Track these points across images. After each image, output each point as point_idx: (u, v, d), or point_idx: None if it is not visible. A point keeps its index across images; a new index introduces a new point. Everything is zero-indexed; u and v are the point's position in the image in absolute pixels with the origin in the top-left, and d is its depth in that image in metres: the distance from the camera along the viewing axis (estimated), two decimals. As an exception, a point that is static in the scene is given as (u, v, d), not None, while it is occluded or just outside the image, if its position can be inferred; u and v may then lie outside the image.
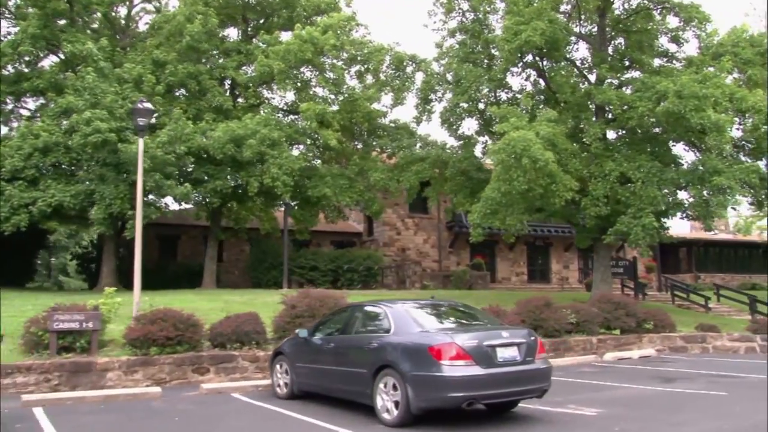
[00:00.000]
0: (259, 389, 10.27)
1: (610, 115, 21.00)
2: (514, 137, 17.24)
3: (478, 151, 23.59)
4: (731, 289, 26.65)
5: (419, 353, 7.01)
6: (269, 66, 22.01)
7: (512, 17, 19.36)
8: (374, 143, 24.30)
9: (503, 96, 23.22)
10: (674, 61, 22.57)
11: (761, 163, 20.66)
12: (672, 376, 11.54)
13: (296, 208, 24.05)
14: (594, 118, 20.95)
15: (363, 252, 27.12)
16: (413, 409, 6.93)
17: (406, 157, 23.42)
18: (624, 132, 22.11)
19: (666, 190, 19.27)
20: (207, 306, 15.89)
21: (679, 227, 58.24)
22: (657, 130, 20.56)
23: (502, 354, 7.10)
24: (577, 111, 20.78)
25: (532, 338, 7.56)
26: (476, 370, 6.82)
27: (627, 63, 23.13)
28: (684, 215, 20.60)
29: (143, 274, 28.97)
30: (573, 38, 23.40)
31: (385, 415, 7.26)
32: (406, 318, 7.61)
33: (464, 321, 8.06)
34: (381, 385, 7.36)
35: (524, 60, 21.81)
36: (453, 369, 6.77)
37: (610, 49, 23.30)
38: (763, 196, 20.95)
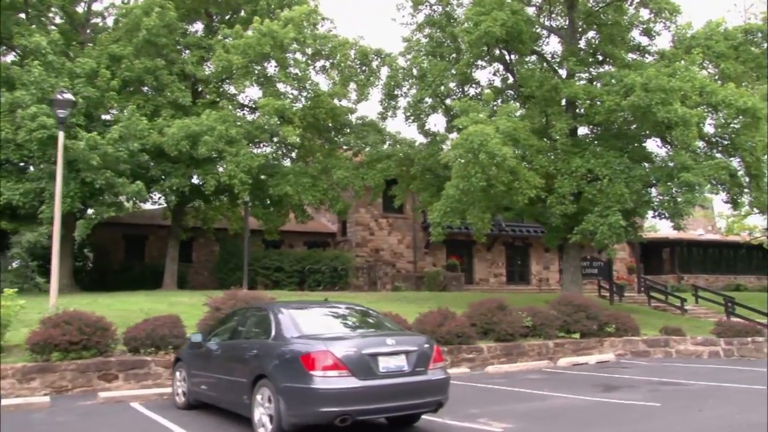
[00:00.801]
0: (164, 398, 9.53)
1: (582, 110, 20.28)
2: (471, 132, 16.55)
3: (446, 148, 22.88)
4: (709, 290, 25.91)
5: (292, 362, 6.26)
6: (228, 61, 21.29)
7: (473, 7, 18.65)
8: (340, 140, 23.53)
9: (472, 91, 22.54)
10: (647, 55, 21.86)
11: (735, 160, 19.98)
12: (617, 383, 10.79)
13: (258, 207, 23.27)
14: (566, 113, 20.23)
15: (330, 253, 26.37)
16: (284, 425, 6.17)
17: (371, 155, 22.71)
18: (595, 128, 21.42)
19: (636, 188, 18.52)
20: (148, 307, 15.15)
21: (666, 227, 57.64)
22: (627, 125, 19.83)
23: (386, 364, 6.32)
24: (545, 106, 20.05)
25: (427, 346, 6.77)
26: (351, 382, 6.06)
27: (600, 57, 22.45)
28: (655, 214, 19.84)
29: (108, 274, 28.28)
30: (544, 31, 22.76)
31: (261, 431, 6.52)
32: (288, 322, 6.85)
33: (354, 326, 7.29)
34: (258, 397, 6.62)
35: (491, 53, 21.10)
36: (325, 381, 6.02)
37: (582, 43, 22.63)
38: (738, 194, 20.26)
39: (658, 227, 60.82)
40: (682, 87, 17.72)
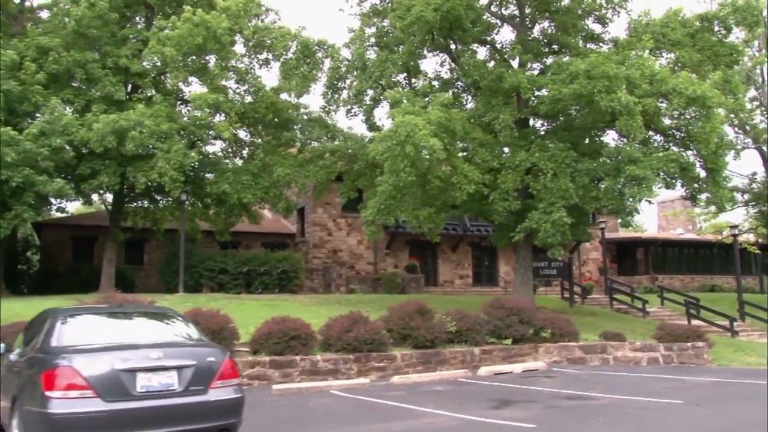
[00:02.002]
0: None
1: (528, 101, 19.17)
2: (398, 123, 15.46)
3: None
4: (675, 291, 24.73)
5: (35, 380, 5.17)
6: (161, 53, 20.22)
7: (406, -9, 17.56)
8: (283, 136, 22.41)
9: (420, 83, 21.43)
10: (601, 44, 20.75)
11: (692, 154, 18.87)
12: (518, 398, 9.66)
13: (198, 206, 22.21)
14: (510, 105, 19.12)
15: (279, 254, 25.23)
16: (21, 461, 5.09)
17: (314, 151, 21.60)
18: (547, 120, 20.33)
19: (583, 183, 17.38)
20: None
21: (653, 226, 56.67)
22: (575, 116, 18.73)
23: (147, 382, 5.21)
24: (489, 97, 18.94)
25: (212, 359, 5.63)
26: (95, 405, 4.96)
27: (556, 48, 21.35)
28: (602, 209, 18.69)
29: (54, 277, 27.12)
30: (496, 21, 21.65)
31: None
32: (56, 331, 5.74)
33: (129, 336, 6.10)
34: (14, 422, 5.52)
35: (435, 42, 20.00)
36: (63, 404, 4.92)
37: (537, 33, 21.54)
38: (698, 190, 19.14)
39: (645, 227, 59.72)
40: (631, 75, 16.62)
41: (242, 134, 24.56)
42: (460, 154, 19.19)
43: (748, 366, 13.23)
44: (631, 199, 15.98)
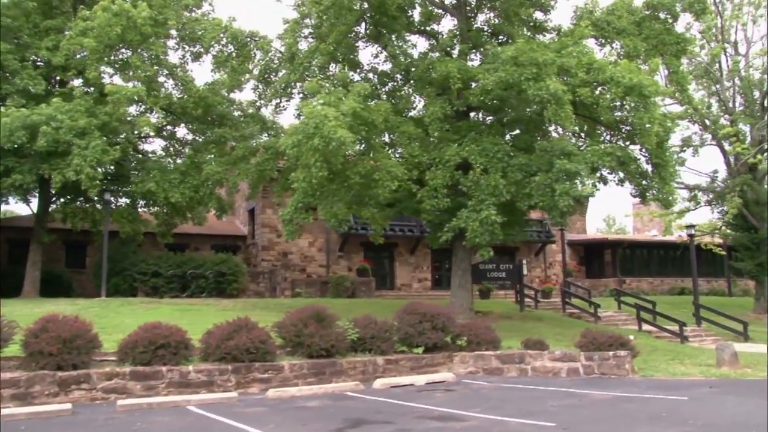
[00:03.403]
0: None
1: (466, 91, 18.04)
2: (308, 114, 14.36)
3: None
4: (632, 294, 23.59)
5: None
6: (80, 44, 19.16)
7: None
8: (213, 133, 21.28)
9: (357, 76, 20.32)
10: (545, 33, 19.67)
11: (636, 147, 17.77)
12: (378, 418, 8.47)
13: (124, 206, 21.11)
14: (457, 97, 18.03)
15: (217, 257, 24.09)
16: None
17: (246, 148, 20.46)
18: (491, 113, 19.23)
19: (515, 178, 16.26)
20: None
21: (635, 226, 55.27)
22: (509, 107, 17.62)
23: None
24: (420, 88, 17.85)
25: None
26: None
27: (503, 39, 20.26)
28: (533, 205, 17.42)
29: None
30: (439, 10, 20.57)
31: None
32: None
33: None
34: None
35: (368, 32, 18.94)
36: None
37: (481, 23, 20.49)
38: (647, 187, 18.01)
39: (627, 229, 58.54)
40: (566, 63, 15.54)
41: (183, 132, 23.51)
42: (390, 150, 18.13)
43: (673, 377, 12.04)
44: (562, 196, 14.80)
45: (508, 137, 18.81)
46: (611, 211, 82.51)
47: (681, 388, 10.45)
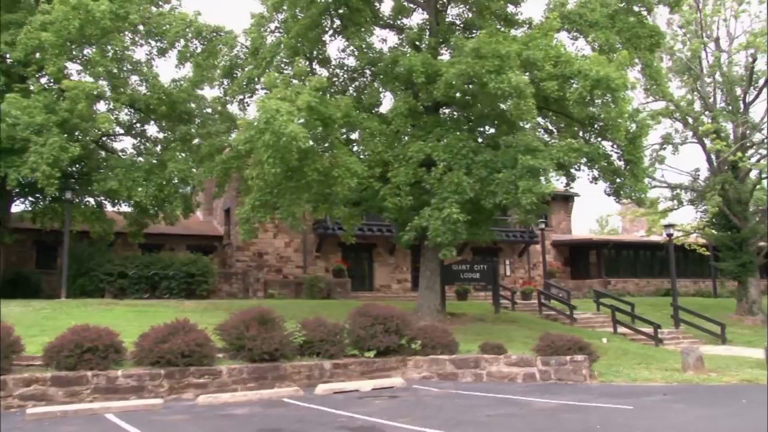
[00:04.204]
0: None
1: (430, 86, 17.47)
2: (260, 108, 13.82)
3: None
4: (610, 295, 23.01)
5: None
6: (38, 39, 18.63)
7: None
8: (177, 129, 20.73)
9: (325, 72, 19.78)
10: (516, 26, 19.10)
11: (608, 143, 17.21)
12: (294, 428, 7.92)
13: (86, 205, 20.56)
14: (426, 91, 17.47)
15: (187, 257, 23.53)
16: None
17: (211, 145, 19.90)
18: (461, 109, 18.67)
19: (480, 175, 15.68)
20: None
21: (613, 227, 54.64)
22: (476, 102, 17.06)
23: None
24: (386, 82, 17.30)
25: None
26: None
27: (475, 33, 19.68)
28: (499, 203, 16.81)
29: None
30: (410, 5, 20.03)
31: None
32: None
33: None
34: None
35: (333, 25, 18.39)
36: None
37: (453, 17, 19.94)
38: (619, 183, 17.44)
39: (620, 230, 57.88)
40: (532, 56, 14.98)
41: (153, 130, 22.96)
42: (355, 147, 17.58)
43: (632, 383, 11.45)
44: (525, 193, 14.22)
45: (478, 134, 18.27)
46: (605, 211, 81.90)
47: (633, 396, 9.87)
